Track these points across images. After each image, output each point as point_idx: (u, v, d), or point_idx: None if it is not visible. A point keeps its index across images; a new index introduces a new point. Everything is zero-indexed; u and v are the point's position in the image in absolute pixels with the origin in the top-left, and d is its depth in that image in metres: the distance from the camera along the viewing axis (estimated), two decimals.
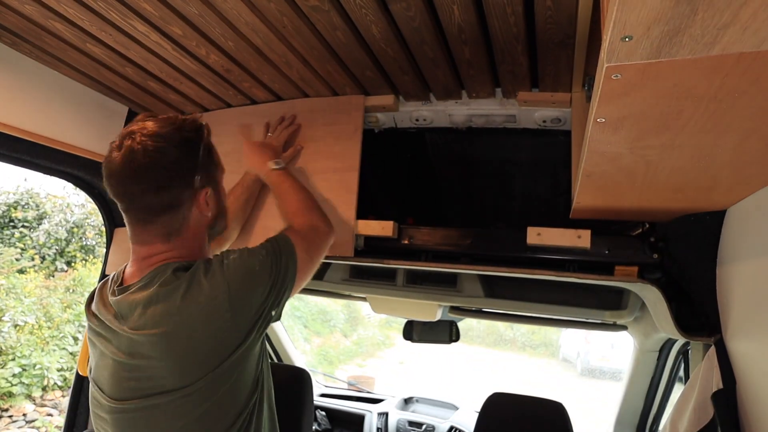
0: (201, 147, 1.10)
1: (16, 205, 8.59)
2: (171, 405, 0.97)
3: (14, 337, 6.56)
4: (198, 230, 1.14)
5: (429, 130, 1.84)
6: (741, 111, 0.67)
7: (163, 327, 0.96)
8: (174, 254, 1.10)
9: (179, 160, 1.05)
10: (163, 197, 1.05)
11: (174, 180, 1.05)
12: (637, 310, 1.91)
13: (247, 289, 1.02)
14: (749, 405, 1.06)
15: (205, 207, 1.12)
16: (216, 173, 1.17)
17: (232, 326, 0.99)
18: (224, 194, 1.24)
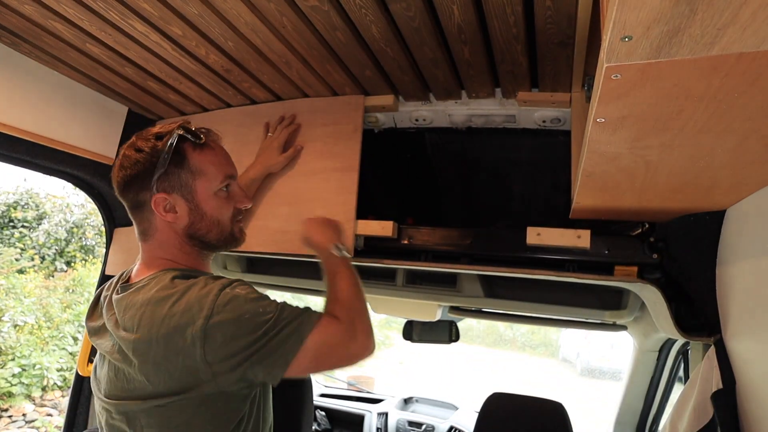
0: (162, 152, 1.08)
1: (15, 205, 8.59)
2: (148, 412, 0.98)
3: (14, 337, 6.56)
4: (167, 236, 1.14)
5: (429, 130, 1.84)
6: (741, 111, 0.67)
7: (145, 332, 0.97)
8: (166, 257, 1.13)
9: (137, 164, 1.09)
10: (129, 197, 1.13)
11: (133, 181, 1.10)
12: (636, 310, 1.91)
13: (225, 330, 0.96)
14: (749, 405, 1.06)
15: (162, 213, 1.10)
16: (189, 180, 1.12)
17: (200, 360, 0.95)
18: (219, 203, 1.17)
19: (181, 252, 1.15)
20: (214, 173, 1.16)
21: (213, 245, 1.19)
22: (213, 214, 1.16)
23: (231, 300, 0.99)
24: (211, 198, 1.16)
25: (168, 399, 0.96)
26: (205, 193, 1.15)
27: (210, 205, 1.15)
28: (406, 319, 2.62)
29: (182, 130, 1.12)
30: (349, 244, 1.60)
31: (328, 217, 1.50)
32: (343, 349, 1.09)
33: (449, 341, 2.67)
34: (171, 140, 1.10)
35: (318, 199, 1.67)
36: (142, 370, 0.97)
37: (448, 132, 1.81)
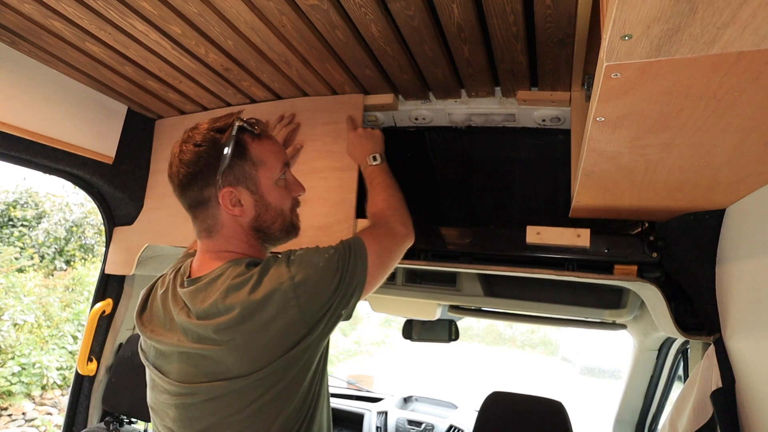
0: (226, 145, 1.08)
1: (15, 204, 8.59)
2: (235, 391, 0.99)
3: (14, 335, 6.56)
4: (234, 230, 1.13)
5: (428, 129, 1.84)
6: (740, 110, 0.67)
7: (232, 316, 0.98)
8: (234, 250, 1.14)
9: (198, 160, 1.08)
10: (190, 195, 1.11)
11: (196, 178, 1.09)
12: (636, 309, 1.91)
13: (312, 284, 1.02)
14: (748, 403, 1.06)
15: (230, 207, 1.10)
16: (252, 171, 1.13)
17: (298, 318, 0.99)
18: (280, 193, 1.18)
19: (248, 245, 1.15)
20: (274, 162, 1.16)
21: (276, 237, 1.20)
22: (277, 204, 1.17)
23: (302, 259, 1.05)
24: (273, 188, 1.16)
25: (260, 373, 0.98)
26: (268, 183, 1.15)
27: (273, 195, 1.16)
28: (406, 318, 2.62)
29: (240, 121, 1.12)
30: None
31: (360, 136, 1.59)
32: (394, 246, 1.26)
33: (449, 340, 2.67)
34: (233, 132, 1.09)
35: (318, 198, 1.67)
36: (233, 349, 0.98)
37: (447, 131, 1.81)
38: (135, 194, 2.04)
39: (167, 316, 1.11)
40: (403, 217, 1.35)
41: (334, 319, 1.06)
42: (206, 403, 1.01)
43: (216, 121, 1.12)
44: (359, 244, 1.14)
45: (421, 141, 1.93)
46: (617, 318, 2.00)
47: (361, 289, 1.11)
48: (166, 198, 2.00)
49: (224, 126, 1.11)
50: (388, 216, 1.32)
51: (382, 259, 1.18)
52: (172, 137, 2.03)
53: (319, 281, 1.03)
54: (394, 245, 1.25)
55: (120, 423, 2.05)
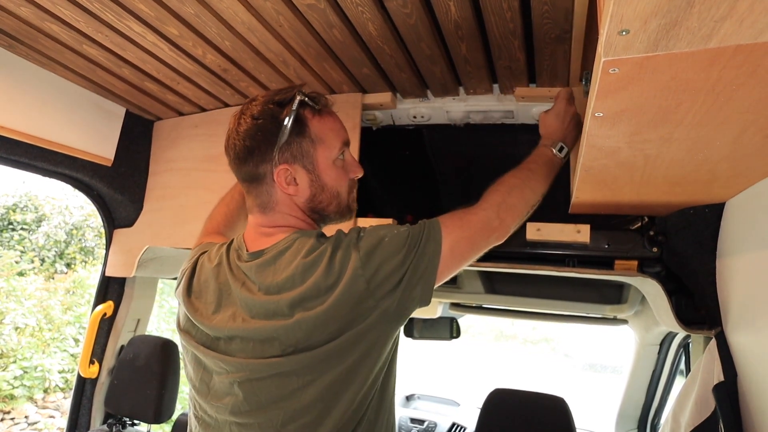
0: (284, 120, 1.04)
1: (14, 208, 8.59)
2: (304, 365, 0.96)
3: (15, 339, 6.56)
4: (290, 208, 1.10)
5: (427, 127, 1.84)
6: (739, 103, 0.67)
7: (308, 291, 0.96)
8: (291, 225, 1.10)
9: (256, 134, 1.05)
10: (245, 169, 1.08)
11: (252, 153, 1.06)
12: (637, 304, 1.91)
13: (376, 256, 0.98)
14: (750, 397, 1.06)
15: (284, 185, 1.06)
16: (311, 149, 1.08)
17: (364, 289, 0.96)
18: (337, 173, 1.13)
19: (304, 223, 1.12)
20: (333, 140, 1.11)
21: (330, 218, 1.16)
22: (333, 185, 1.12)
23: (369, 234, 1.02)
24: (330, 168, 1.11)
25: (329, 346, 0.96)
26: (326, 163, 1.10)
27: (330, 175, 1.11)
28: None
29: (302, 96, 1.07)
30: None
31: None
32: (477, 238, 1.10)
33: (450, 338, 2.67)
34: (293, 106, 1.05)
35: None
36: (304, 323, 0.95)
37: (446, 129, 1.80)
38: (134, 196, 2.04)
39: (224, 292, 1.07)
40: (509, 213, 1.15)
41: (404, 300, 1.00)
42: (275, 378, 0.97)
43: (276, 94, 1.08)
44: (435, 229, 1.05)
45: (420, 139, 1.93)
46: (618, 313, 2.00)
47: (432, 276, 1.02)
48: (165, 199, 2.00)
49: (284, 99, 1.07)
50: (494, 203, 1.14)
51: (460, 249, 1.07)
52: (171, 139, 2.03)
53: (384, 254, 0.98)
54: (478, 237, 1.10)
55: (123, 425, 2.06)
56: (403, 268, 0.99)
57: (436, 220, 1.07)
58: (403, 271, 0.99)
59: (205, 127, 1.95)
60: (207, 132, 1.94)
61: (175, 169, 2.00)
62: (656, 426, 2.43)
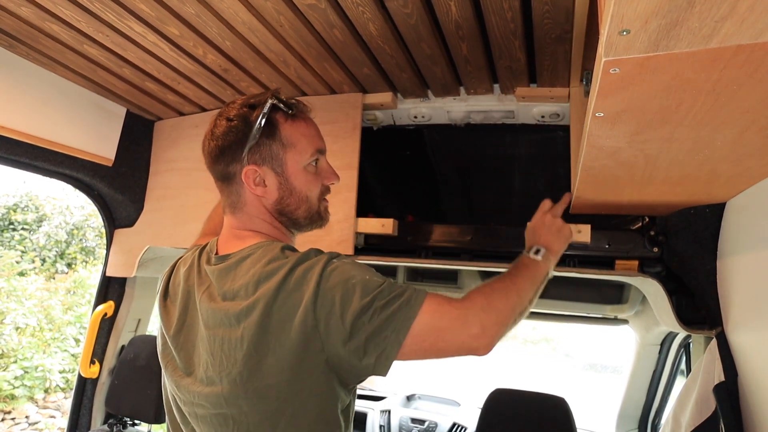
0: (255, 122, 1.04)
1: (15, 208, 8.59)
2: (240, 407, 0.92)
3: (16, 339, 6.56)
4: (257, 210, 1.09)
5: (427, 127, 1.84)
6: (739, 103, 0.67)
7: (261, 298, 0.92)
8: (258, 229, 1.09)
9: (228, 134, 1.05)
10: (217, 169, 1.09)
11: (224, 152, 1.06)
12: (637, 304, 1.91)
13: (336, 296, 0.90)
14: (751, 397, 1.06)
15: (252, 186, 1.05)
16: (280, 152, 1.07)
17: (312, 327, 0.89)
18: (308, 179, 1.11)
19: (272, 227, 1.11)
20: (305, 146, 1.10)
21: (300, 223, 1.14)
22: (302, 190, 1.10)
23: (338, 267, 0.95)
24: (300, 172, 1.10)
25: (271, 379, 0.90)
26: (295, 167, 1.09)
27: (299, 179, 1.10)
28: None
29: (275, 99, 1.07)
30: (350, 243, 1.60)
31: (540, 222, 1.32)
32: (451, 337, 0.95)
33: None
34: (264, 109, 1.05)
35: None
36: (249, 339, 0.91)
37: (447, 129, 1.81)
38: (135, 196, 2.04)
39: (190, 295, 1.06)
40: (491, 322, 0.99)
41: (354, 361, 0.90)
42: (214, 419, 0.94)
43: (252, 97, 1.09)
44: (417, 299, 0.94)
45: (421, 139, 1.93)
46: (619, 313, 2.00)
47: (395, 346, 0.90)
48: (166, 199, 2.00)
49: (258, 102, 1.06)
50: (477, 304, 1.00)
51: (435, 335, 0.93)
52: (171, 139, 2.03)
53: (344, 298, 0.90)
54: (451, 336, 0.95)
55: (123, 425, 2.06)
56: (360, 321, 0.89)
57: (423, 295, 0.95)
58: (358, 324, 0.89)
59: (205, 127, 1.95)
60: None
61: (176, 169, 2.00)
62: (657, 426, 2.43)
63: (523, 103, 1.58)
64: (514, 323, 1.06)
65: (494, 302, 1.02)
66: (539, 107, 1.59)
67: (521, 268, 1.17)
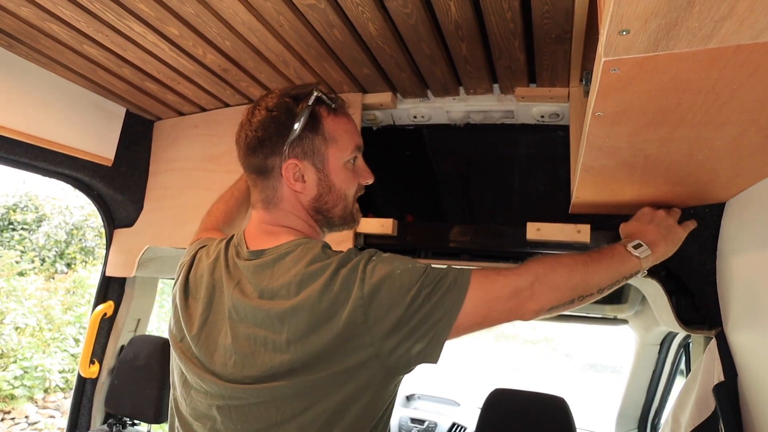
0: (298, 115, 1.01)
1: (15, 208, 8.59)
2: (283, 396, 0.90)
3: (15, 339, 6.56)
4: (293, 206, 1.05)
5: (427, 127, 1.84)
6: (739, 103, 0.67)
7: (301, 304, 0.89)
8: (293, 226, 1.06)
9: (269, 126, 1.02)
10: (254, 161, 1.05)
11: (263, 144, 1.03)
12: (637, 304, 1.91)
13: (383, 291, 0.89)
14: (751, 397, 1.06)
15: (291, 181, 1.02)
16: (322, 147, 1.04)
17: (363, 326, 0.88)
18: (347, 176, 1.08)
19: (307, 225, 1.07)
20: (346, 142, 1.07)
21: (334, 222, 1.10)
22: (341, 187, 1.07)
23: (380, 261, 0.93)
24: (340, 169, 1.07)
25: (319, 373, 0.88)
26: (336, 163, 1.06)
27: (339, 177, 1.07)
28: None
29: (319, 92, 1.04)
30: (349, 243, 1.60)
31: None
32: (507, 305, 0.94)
33: None
34: (309, 101, 1.02)
35: None
36: (295, 342, 0.89)
37: (446, 129, 1.81)
38: (135, 196, 2.04)
39: (216, 289, 1.02)
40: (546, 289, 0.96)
41: (404, 350, 0.89)
42: (253, 408, 0.91)
43: (293, 89, 1.06)
44: (463, 277, 0.93)
45: (420, 139, 1.93)
46: (619, 313, 2.00)
47: (444, 333, 0.90)
48: (166, 199, 2.00)
49: (301, 94, 1.04)
50: (532, 272, 0.97)
51: (486, 307, 0.93)
52: (171, 138, 2.03)
53: (391, 287, 0.89)
54: (499, 304, 0.94)
55: (123, 425, 2.06)
56: (410, 310, 0.88)
57: (469, 271, 0.95)
58: (408, 314, 0.88)
59: (205, 127, 1.95)
60: (207, 132, 1.94)
61: (176, 169, 2.00)
62: (656, 426, 2.43)
63: (523, 103, 1.58)
64: (570, 304, 1.00)
65: (552, 275, 0.98)
66: (539, 107, 1.59)
67: (606, 255, 1.06)
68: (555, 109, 1.58)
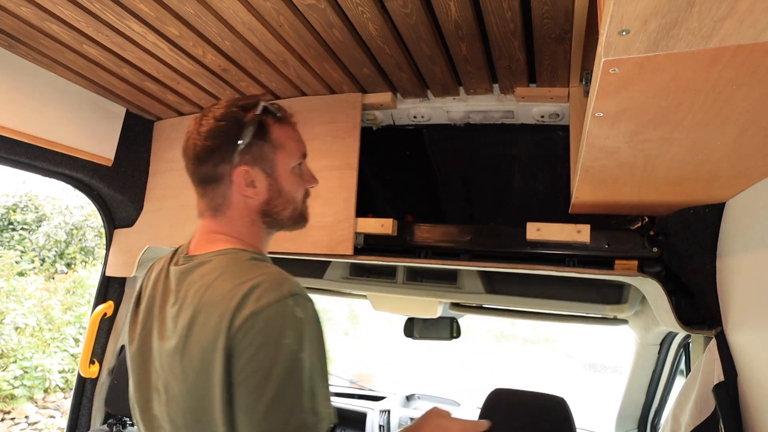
0: (247, 124, 1.04)
1: (15, 208, 8.59)
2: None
3: (15, 339, 6.56)
4: (240, 212, 1.08)
5: (427, 127, 1.84)
6: (739, 103, 0.67)
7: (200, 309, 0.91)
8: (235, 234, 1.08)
9: (218, 135, 1.04)
10: (203, 170, 1.07)
11: (213, 153, 1.04)
12: (637, 304, 1.91)
13: (245, 345, 0.87)
14: (750, 397, 1.06)
15: (243, 187, 1.05)
16: (271, 153, 1.08)
17: (219, 371, 0.87)
18: (294, 180, 1.13)
19: (251, 229, 1.10)
20: (293, 149, 1.13)
21: (284, 224, 1.15)
22: (290, 191, 1.12)
23: (274, 316, 0.88)
24: (288, 174, 1.12)
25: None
26: (284, 168, 1.11)
27: (288, 181, 1.12)
28: (407, 316, 2.62)
29: (266, 102, 1.09)
30: (349, 243, 1.60)
31: None
32: None
33: (450, 338, 2.67)
34: (257, 110, 1.06)
35: (317, 198, 1.67)
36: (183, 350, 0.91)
37: (446, 129, 1.81)
38: (135, 196, 2.04)
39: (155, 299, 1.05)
40: None
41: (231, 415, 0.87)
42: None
43: (240, 100, 1.09)
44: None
45: (420, 139, 1.93)
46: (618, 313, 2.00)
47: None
48: (165, 199, 2.00)
49: (248, 104, 1.07)
50: None
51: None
52: (171, 139, 2.03)
53: (257, 350, 0.87)
54: None
55: (123, 425, 2.06)
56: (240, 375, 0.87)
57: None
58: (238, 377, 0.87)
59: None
60: None
61: (176, 169, 2.00)
62: (656, 426, 2.43)
63: (523, 103, 1.58)
64: None
65: None
66: (539, 107, 1.59)
67: None
68: (555, 109, 1.58)
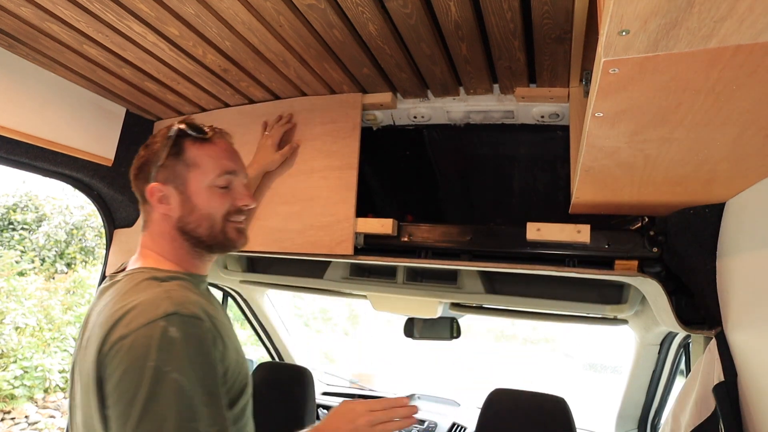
0: (166, 145, 1.13)
1: (15, 208, 8.59)
2: None
3: (15, 339, 6.56)
4: (162, 229, 1.13)
5: (427, 127, 1.84)
6: (739, 103, 0.67)
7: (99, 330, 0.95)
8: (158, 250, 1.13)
9: (146, 155, 1.16)
10: (136, 187, 1.18)
11: (138, 174, 1.17)
12: (637, 304, 1.91)
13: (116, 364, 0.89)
14: (751, 397, 1.06)
15: (157, 203, 1.12)
16: (184, 172, 1.12)
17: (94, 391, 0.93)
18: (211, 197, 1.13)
19: (173, 246, 1.13)
20: (210, 166, 1.14)
21: (204, 242, 1.14)
22: (204, 208, 1.12)
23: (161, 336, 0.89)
24: (203, 191, 1.13)
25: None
26: (197, 186, 1.13)
27: (201, 198, 1.12)
28: (407, 316, 2.62)
29: (183, 125, 1.15)
30: (349, 243, 1.60)
31: None
32: None
33: (450, 338, 2.67)
34: (170, 133, 1.14)
35: (317, 198, 1.67)
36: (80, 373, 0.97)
37: (446, 129, 1.81)
38: (135, 196, 2.04)
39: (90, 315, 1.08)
40: None
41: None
42: None
43: (177, 121, 1.18)
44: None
45: (420, 139, 1.93)
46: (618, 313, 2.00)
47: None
48: None
49: (167, 128, 1.17)
50: None
51: None
52: None
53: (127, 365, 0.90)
54: None
55: None
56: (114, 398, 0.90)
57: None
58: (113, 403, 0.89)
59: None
60: None
61: None
62: (656, 426, 2.43)
63: (523, 103, 1.58)
64: None
65: None
66: (539, 107, 1.59)
67: None
68: (555, 109, 1.58)
